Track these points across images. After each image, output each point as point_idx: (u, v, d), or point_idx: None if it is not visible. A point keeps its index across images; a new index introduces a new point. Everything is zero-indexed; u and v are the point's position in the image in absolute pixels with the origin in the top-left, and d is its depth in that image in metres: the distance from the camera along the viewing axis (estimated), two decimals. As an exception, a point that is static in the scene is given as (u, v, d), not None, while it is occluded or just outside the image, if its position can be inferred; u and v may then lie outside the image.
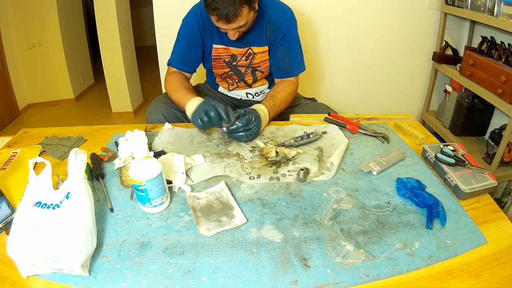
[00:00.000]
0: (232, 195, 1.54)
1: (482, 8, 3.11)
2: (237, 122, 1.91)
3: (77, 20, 6.83)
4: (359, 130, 2.08)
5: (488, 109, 3.52)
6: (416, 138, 2.02)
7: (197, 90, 2.59)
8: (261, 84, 2.60)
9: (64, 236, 1.12)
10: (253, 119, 1.95)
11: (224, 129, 1.93)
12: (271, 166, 1.76)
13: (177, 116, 2.21)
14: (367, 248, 1.28)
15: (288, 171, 1.72)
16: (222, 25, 1.99)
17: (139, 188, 1.35)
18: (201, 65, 2.52)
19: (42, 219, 1.15)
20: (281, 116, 2.35)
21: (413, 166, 1.79)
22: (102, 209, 1.46)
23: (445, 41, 3.79)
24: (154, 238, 1.31)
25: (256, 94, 2.67)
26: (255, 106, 2.09)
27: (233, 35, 2.08)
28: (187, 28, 2.31)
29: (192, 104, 2.01)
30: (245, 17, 1.97)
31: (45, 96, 6.51)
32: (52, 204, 1.20)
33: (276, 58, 2.38)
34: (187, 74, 2.45)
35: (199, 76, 2.90)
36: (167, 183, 1.51)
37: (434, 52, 3.91)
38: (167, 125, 2.11)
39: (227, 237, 1.32)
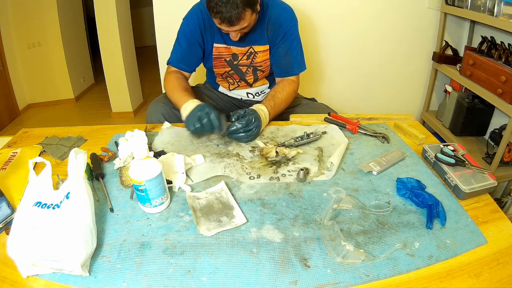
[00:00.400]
0: (232, 195, 1.54)
1: (482, 8, 3.11)
2: (237, 124, 1.91)
3: (77, 20, 6.83)
4: (359, 130, 2.08)
5: (488, 109, 3.52)
6: (416, 138, 2.02)
7: (197, 91, 2.61)
8: (261, 83, 2.61)
9: (64, 236, 1.12)
10: (253, 120, 1.95)
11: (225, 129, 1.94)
12: (271, 166, 1.76)
13: (177, 116, 2.20)
14: (367, 248, 1.29)
15: (288, 171, 1.72)
16: (224, 27, 1.99)
17: (139, 188, 1.35)
18: (201, 65, 2.53)
19: (42, 219, 1.15)
20: (281, 116, 2.35)
21: (413, 166, 1.79)
22: (102, 209, 1.46)
23: (445, 41, 3.79)
24: (154, 238, 1.31)
25: (257, 94, 2.68)
26: (255, 107, 2.09)
27: (235, 36, 2.09)
28: (188, 27, 2.31)
29: (187, 107, 2.01)
30: (248, 19, 1.98)
31: (45, 96, 6.52)
32: (52, 204, 1.20)
33: (277, 57, 2.38)
34: (186, 74, 2.45)
35: (199, 76, 2.91)
36: (167, 183, 1.51)
37: (434, 52, 3.91)
38: (166, 124, 2.12)
39: (227, 237, 1.33)
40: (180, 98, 2.13)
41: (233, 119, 1.95)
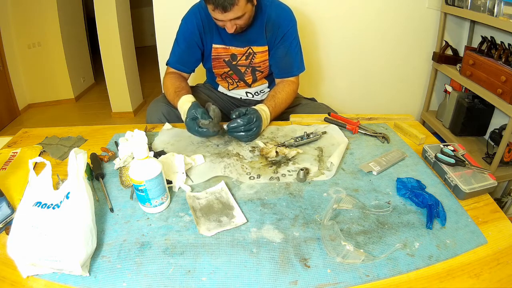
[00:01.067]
0: (232, 195, 1.54)
1: (482, 8, 3.11)
2: (239, 120, 1.91)
3: (77, 20, 6.83)
4: (359, 130, 2.08)
5: (488, 109, 3.52)
6: (416, 138, 2.02)
7: (197, 90, 2.63)
8: (260, 83, 2.61)
9: (64, 236, 1.12)
10: (255, 120, 1.95)
11: (225, 126, 1.94)
12: (271, 166, 1.76)
13: (177, 115, 2.21)
14: (367, 248, 1.29)
15: (288, 171, 1.72)
16: (218, 15, 1.98)
17: (139, 188, 1.35)
18: (201, 65, 2.53)
19: (42, 219, 1.15)
20: (281, 116, 2.35)
21: (413, 166, 1.79)
22: (102, 209, 1.46)
23: (445, 41, 3.79)
24: (154, 238, 1.31)
25: (256, 93, 2.68)
26: (257, 107, 2.09)
27: (230, 28, 2.07)
28: (186, 28, 2.31)
29: (182, 107, 2.06)
30: (242, 8, 1.97)
31: (45, 96, 6.52)
32: (52, 204, 1.20)
33: (276, 58, 2.38)
34: (185, 74, 2.46)
35: (199, 76, 2.90)
36: (167, 183, 1.51)
37: (434, 52, 3.91)
38: (167, 125, 2.12)
39: (227, 237, 1.33)
40: (174, 98, 2.16)
41: (233, 116, 1.95)
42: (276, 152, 1.82)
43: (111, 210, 1.45)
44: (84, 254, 1.13)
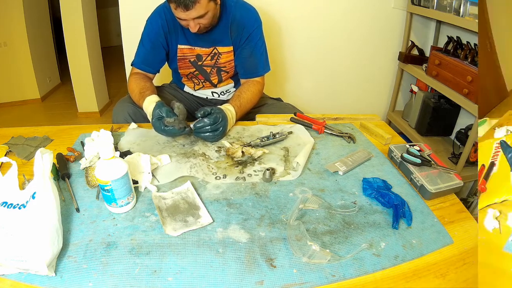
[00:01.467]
0: (198, 195, 1.55)
1: (448, 8, 3.15)
2: (205, 120, 1.91)
3: (43, 19, 6.75)
4: (325, 130, 2.10)
5: (454, 109, 3.59)
6: (382, 138, 2.05)
7: (162, 90, 2.63)
8: (226, 83, 2.62)
9: (30, 236, 1.12)
10: (220, 119, 1.95)
11: (191, 126, 1.94)
12: (237, 166, 1.77)
13: (143, 115, 2.20)
14: (333, 248, 1.30)
15: (254, 171, 1.74)
16: (181, 14, 1.98)
17: (105, 188, 1.35)
18: (166, 65, 2.53)
19: (8, 219, 1.15)
20: (247, 116, 2.37)
21: (379, 166, 1.82)
22: (68, 209, 1.45)
23: (411, 41, 3.85)
24: (120, 238, 1.31)
25: (222, 93, 2.69)
26: (222, 106, 2.09)
27: (193, 27, 2.06)
28: (151, 28, 2.31)
29: (148, 108, 2.05)
30: (204, 6, 1.97)
31: (11, 96, 6.46)
32: (18, 204, 1.19)
33: (241, 58, 2.40)
34: (150, 75, 2.45)
35: (165, 76, 2.90)
36: (133, 183, 1.51)
37: (400, 52, 3.97)
38: (133, 125, 2.12)
39: (193, 237, 1.33)
40: (139, 99, 2.15)
41: (199, 116, 1.94)
42: (242, 152, 1.83)
43: (77, 210, 1.44)
44: (50, 254, 1.12)
